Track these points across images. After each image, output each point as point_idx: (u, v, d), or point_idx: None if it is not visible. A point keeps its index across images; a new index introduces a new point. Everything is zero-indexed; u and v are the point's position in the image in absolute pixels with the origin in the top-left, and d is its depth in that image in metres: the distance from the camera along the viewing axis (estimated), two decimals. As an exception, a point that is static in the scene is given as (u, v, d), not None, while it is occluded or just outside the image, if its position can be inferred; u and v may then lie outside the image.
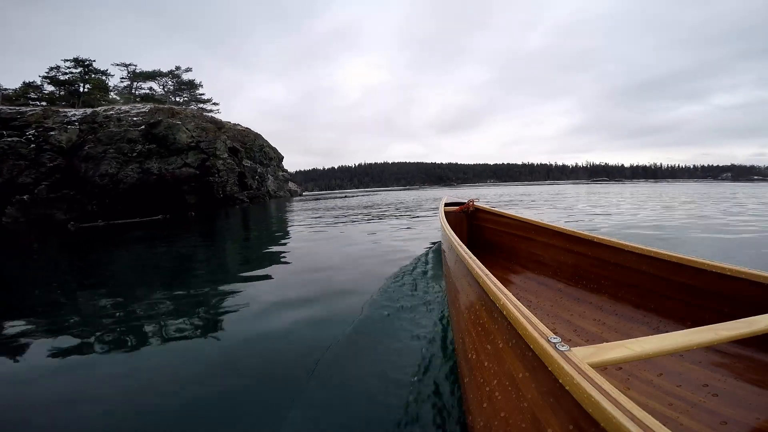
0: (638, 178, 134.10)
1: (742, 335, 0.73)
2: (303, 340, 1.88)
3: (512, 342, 0.75)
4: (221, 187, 18.99)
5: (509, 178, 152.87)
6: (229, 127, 24.72)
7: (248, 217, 11.67)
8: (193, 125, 19.96)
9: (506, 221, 2.75)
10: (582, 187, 35.63)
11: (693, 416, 0.96)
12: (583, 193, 19.46)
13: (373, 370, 1.53)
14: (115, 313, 2.50)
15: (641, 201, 11.28)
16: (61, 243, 7.41)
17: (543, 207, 9.92)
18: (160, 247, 5.99)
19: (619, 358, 0.62)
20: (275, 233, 6.77)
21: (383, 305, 2.25)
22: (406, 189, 55.82)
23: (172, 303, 2.63)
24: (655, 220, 6.24)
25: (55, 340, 2.07)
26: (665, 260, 1.39)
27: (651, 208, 8.49)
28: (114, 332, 2.14)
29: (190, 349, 1.88)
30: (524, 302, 0.83)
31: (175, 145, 18.16)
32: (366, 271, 3.22)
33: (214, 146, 19.63)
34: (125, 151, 16.82)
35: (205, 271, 3.81)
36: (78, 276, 4.06)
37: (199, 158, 18.69)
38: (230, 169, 20.13)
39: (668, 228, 5.21)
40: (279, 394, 1.41)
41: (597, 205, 10.01)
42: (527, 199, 14.23)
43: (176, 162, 17.88)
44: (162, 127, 18.19)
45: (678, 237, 4.49)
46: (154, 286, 3.22)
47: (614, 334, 1.47)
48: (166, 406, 1.38)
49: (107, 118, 17.93)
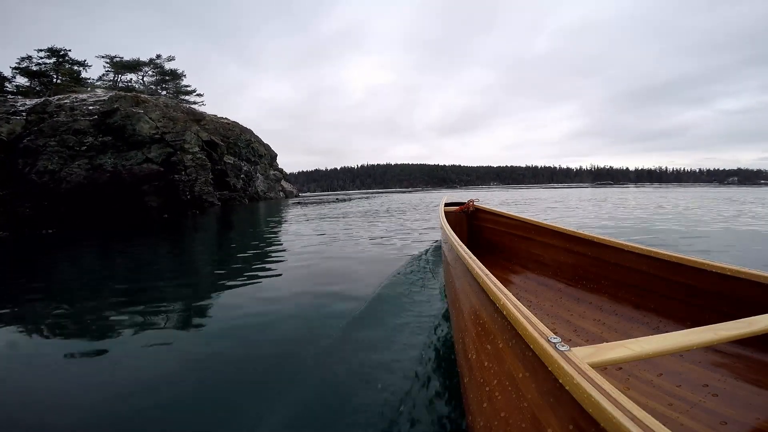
0: (643, 182, 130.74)
1: (742, 335, 0.73)
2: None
3: (512, 342, 0.75)
4: (188, 187, 16.01)
5: (512, 181, 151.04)
6: (210, 119, 22.31)
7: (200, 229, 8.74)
8: (158, 114, 17.07)
9: (506, 221, 2.75)
10: (599, 190, 32.16)
11: (693, 416, 0.96)
12: (601, 195, 18.62)
13: (373, 370, 1.53)
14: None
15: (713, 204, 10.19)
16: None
17: (583, 210, 8.87)
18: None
19: (619, 358, 0.62)
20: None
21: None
22: (409, 191, 52.81)
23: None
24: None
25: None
26: (665, 260, 1.39)
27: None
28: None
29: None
30: (524, 302, 0.83)
31: (135, 138, 15.40)
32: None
33: (182, 138, 16.71)
34: (70, 143, 13.98)
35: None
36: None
37: (165, 153, 15.87)
38: (201, 165, 17.20)
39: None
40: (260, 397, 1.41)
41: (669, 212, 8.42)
42: (541, 204, 12.84)
43: (136, 157, 15.06)
44: (119, 116, 15.38)
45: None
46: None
47: (614, 334, 1.47)
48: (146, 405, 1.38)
49: (60, 107, 15.51)
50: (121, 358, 1.80)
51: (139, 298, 2.87)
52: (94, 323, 2.35)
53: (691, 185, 73.79)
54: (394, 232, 5.97)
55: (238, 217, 11.70)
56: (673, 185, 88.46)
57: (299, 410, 1.31)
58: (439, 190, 70.17)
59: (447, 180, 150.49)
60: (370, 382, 1.45)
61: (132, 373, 1.65)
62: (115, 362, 1.78)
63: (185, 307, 2.59)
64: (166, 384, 1.54)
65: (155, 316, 2.37)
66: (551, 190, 34.05)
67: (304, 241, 5.24)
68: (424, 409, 1.24)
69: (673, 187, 50.63)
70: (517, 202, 14.40)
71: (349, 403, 1.33)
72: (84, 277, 3.88)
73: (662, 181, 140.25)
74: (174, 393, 1.46)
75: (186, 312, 2.47)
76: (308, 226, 7.25)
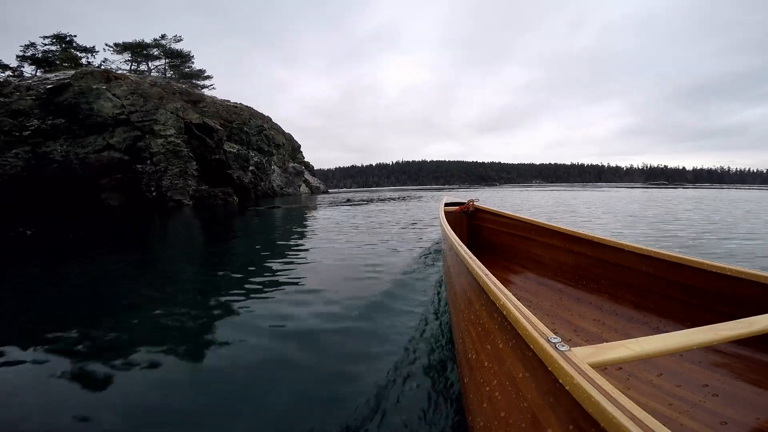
0: (702, 183, 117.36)
1: (742, 335, 0.73)
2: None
3: (512, 342, 0.75)
4: (154, 180, 12.47)
5: (556, 179, 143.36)
6: (210, 101, 18.89)
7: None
8: (124, 90, 13.42)
9: (506, 221, 2.76)
10: (658, 192, 22.61)
11: (693, 416, 0.96)
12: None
13: (371, 370, 1.53)
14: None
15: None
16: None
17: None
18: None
19: (619, 358, 0.62)
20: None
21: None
22: (446, 188, 47.37)
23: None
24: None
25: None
26: (665, 260, 1.39)
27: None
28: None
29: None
30: (524, 302, 0.83)
31: (94, 119, 12.17)
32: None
33: (151, 118, 13.07)
34: (6, 127, 11.16)
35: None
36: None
37: (131, 137, 12.61)
38: (173, 152, 13.42)
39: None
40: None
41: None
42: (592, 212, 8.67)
43: (95, 143, 11.95)
44: (70, 93, 12.12)
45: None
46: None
47: (614, 334, 1.47)
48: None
49: (6, 84, 12.63)
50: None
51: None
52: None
53: (758, 187, 59.19)
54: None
55: (176, 229, 8.05)
56: (736, 186, 72.82)
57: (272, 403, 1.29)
58: (477, 187, 60.27)
59: (486, 177, 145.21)
60: (373, 377, 1.44)
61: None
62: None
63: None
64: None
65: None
66: (599, 191, 27.08)
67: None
68: (424, 409, 1.23)
69: (744, 189, 39.43)
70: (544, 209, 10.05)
71: (349, 401, 1.32)
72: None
73: (723, 181, 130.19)
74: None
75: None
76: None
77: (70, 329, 2.11)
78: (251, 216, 9.73)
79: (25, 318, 2.39)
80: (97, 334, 2.04)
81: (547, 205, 11.82)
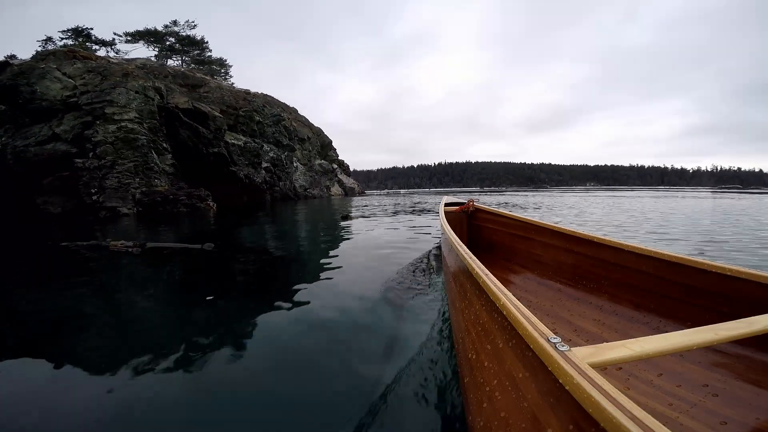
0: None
1: (742, 335, 0.73)
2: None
3: (512, 342, 0.75)
4: (97, 180, 9.77)
5: (614, 182, 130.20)
6: (215, 86, 16.14)
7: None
8: (78, 68, 11.21)
9: (506, 221, 2.75)
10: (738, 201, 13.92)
11: (693, 416, 0.96)
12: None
13: (370, 370, 1.52)
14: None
15: None
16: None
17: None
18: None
19: (619, 358, 0.62)
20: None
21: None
22: (492, 191, 40.23)
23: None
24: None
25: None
26: (665, 260, 1.39)
27: None
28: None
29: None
30: (524, 302, 0.83)
31: (38, 104, 10.06)
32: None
33: (105, 99, 10.46)
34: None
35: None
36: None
37: (80, 124, 10.28)
38: (127, 141, 10.42)
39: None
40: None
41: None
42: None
43: (40, 134, 9.76)
44: (8, 74, 10.08)
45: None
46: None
47: (614, 334, 1.47)
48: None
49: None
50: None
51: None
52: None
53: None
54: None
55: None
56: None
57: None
58: (527, 190, 50.56)
59: (535, 179, 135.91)
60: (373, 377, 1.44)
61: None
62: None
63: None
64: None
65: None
66: (671, 198, 17.17)
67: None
68: (424, 409, 1.23)
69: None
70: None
71: (348, 402, 1.32)
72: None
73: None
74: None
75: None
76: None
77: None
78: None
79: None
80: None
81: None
